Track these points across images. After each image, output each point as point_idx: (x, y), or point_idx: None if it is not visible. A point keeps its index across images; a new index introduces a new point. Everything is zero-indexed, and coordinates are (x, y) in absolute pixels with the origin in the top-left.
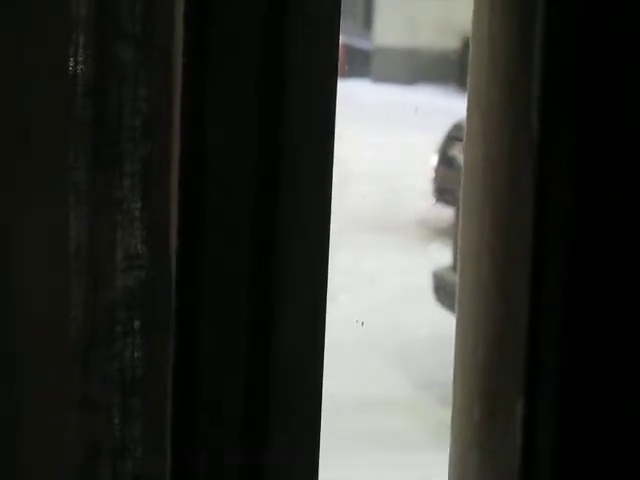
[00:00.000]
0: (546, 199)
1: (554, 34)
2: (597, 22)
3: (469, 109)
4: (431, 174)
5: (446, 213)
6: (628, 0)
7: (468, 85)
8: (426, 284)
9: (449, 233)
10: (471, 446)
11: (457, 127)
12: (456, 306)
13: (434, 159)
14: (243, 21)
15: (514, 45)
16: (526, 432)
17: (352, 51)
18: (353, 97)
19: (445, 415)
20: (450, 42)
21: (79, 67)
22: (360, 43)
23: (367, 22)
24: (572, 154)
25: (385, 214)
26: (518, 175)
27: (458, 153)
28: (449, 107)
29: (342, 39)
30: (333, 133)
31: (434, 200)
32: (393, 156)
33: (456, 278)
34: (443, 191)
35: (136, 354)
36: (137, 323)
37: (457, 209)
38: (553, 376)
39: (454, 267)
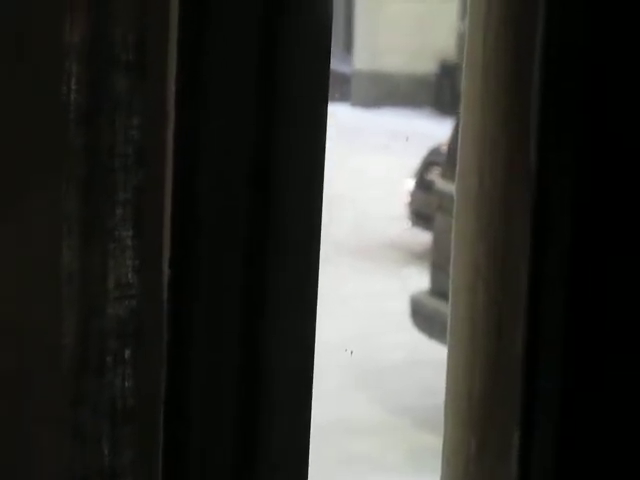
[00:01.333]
0: (543, 230)
1: (552, 64)
2: (595, 49)
3: (462, 138)
4: (407, 198)
5: (422, 237)
6: (627, 26)
7: (461, 114)
8: (402, 308)
9: (425, 257)
10: (465, 478)
11: (434, 152)
12: (447, 336)
13: (410, 183)
14: (236, 50)
15: (508, 73)
16: (522, 465)
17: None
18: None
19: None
20: (426, 66)
21: (72, 95)
22: (340, 67)
23: (347, 46)
24: (570, 183)
25: (360, 238)
26: (513, 205)
27: (435, 178)
28: (425, 131)
29: None
30: (323, 161)
31: (410, 224)
32: (368, 180)
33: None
34: (419, 215)
35: (127, 384)
36: (128, 352)
37: (434, 233)
38: (550, 408)
39: (432, 292)
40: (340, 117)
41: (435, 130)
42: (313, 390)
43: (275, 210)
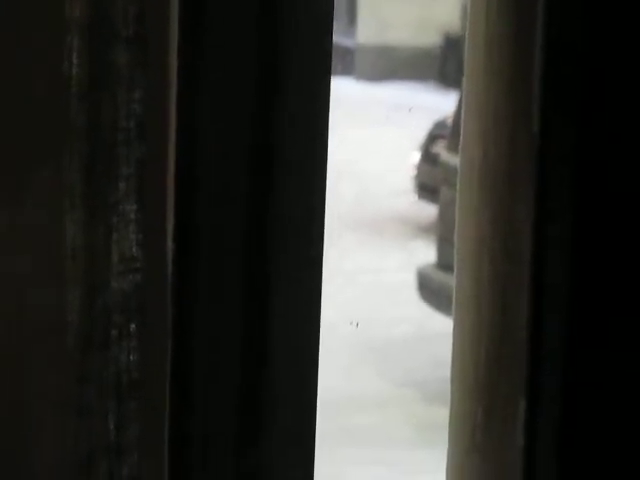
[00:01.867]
0: (546, 200)
1: (555, 35)
2: (598, 24)
3: (466, 110)
4: (413, 171)
5: (428, 210)
6: (629, 4)
7: (464, 86)
8: (409, 282)
9: (431, 230)
10: (471, 449)
11: (439, 125)
12: (453, 308)
13: (416, 156)
14: (237, 23)
15: (512, 46)
16: (528, 433)
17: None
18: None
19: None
20: (430, 39)
21: (73, 70)
22: (343, 41)
23: (350, 20)
24: (572, 155)
25: (366, 212)
26: (517, 175)
27: (440, 150)
28: (430, 104)
29: None
30: (327, 138)
31: (416, 197)
32: (373, 153)
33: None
34: (425, 188)
35: (132, 357)
36: (133, 326)
37: (440, 206)
38: (555, 377)
39: (438, 265)
40: (344, 91)
41: (440, 103)
42: (320, 365)
43: (278, 183)
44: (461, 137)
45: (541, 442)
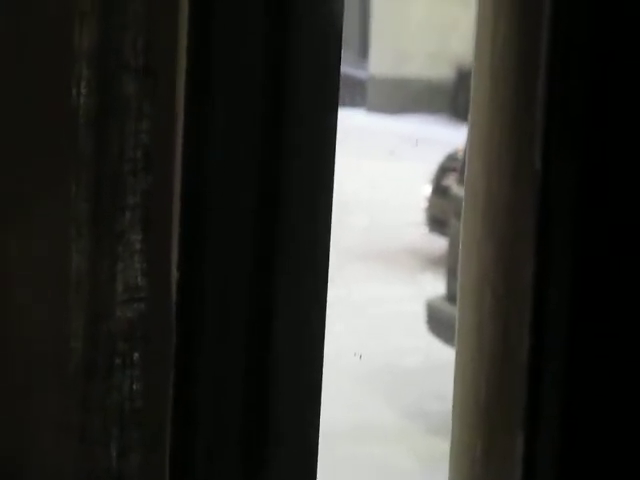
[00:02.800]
0: (548, 235)
1: (558, 68)
2: (601, 58)
3: (470, 143)
4: (424, 204)
5: (439, 243)
6: (632, 39)
7: (469, 118)
8: (418, 314)
9: (442, 263)
10: None
11: (451, 157)
12: (455, 340)
13: (427, 189)
14: (245, 54)
15: (516, 78)
16: (526, 469)
17: (347, 80)
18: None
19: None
20: (443, 72)
21: (81, 99)
22: (354, 72)
23: (362, 51)
24: (575, 190)
25: (377, 244)
26: (520, 210)
27: (451, 183)
28: (441, 137)
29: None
30: (333, 170)
31: (427, 230)
32: (385, 186)
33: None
34: (436, 221)
35: (135, 386)
36: (137, 355)
37: (450, 239)
38: (553, 413)
39: (448, 297)
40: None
41: (452, 136)
42: (327, 395)
43: (283, 215)
44: (465, 170)
45: (539, 477)
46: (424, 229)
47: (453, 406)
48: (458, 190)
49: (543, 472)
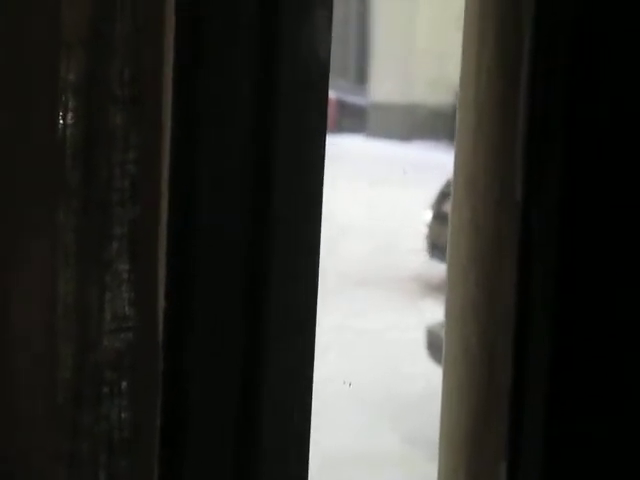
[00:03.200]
0: (530, 264)
1: (538, 100)
2: (581, 92)
3: (455, 173)
4: (424, 230)
5: (439, 269)
6: (612, 65)
7: (455, 149)
8: (419, 340)
9: (442, 289)
10: None
11: (451, 183)
12: (442, 366)
13: (428, 215)
14: (232, 84)
15: (499, 110)
16: None
17: (346, 106)
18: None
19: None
20: (444, 98)
21: (68, 130)
22: (353, 99)
23: (360, 78)
24: (555, 220)
25: (377, 270)
26: (503, 239)
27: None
28: (442, 162)
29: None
30: (321, 195)
31: (427, 256)
32: (385, 212)
33: None
34: (436, 247)
35: (123, 415)
36: (124, 384)
37: None
38: (535, 440)
39: None
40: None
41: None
42: (324, 422)
43: (273, 242)
44: (451, 200)
45: None
46: (424, 255)
47: (440, 431)
48: None
49: None
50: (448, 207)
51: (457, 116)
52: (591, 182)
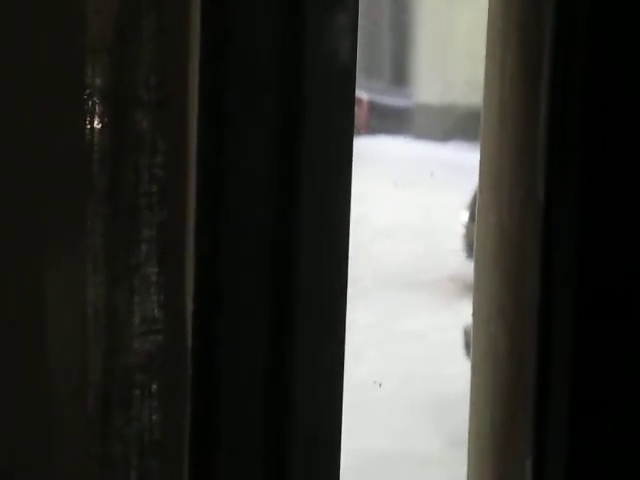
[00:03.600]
0: (553, 263)
1: (558, 100)
2: (602, 91)
3: (481, 175)
4: (461, 230)
5: None
6: (632, 66)
7: (480, 151)
8: (457, 340)
9: None
10: None
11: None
12: (470, 368)
13: (464, 215)
14: (257, 86)
15: (523, 111)
16: None
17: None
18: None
19: None
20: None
21: (96, 135)
22: (388, 100)
23: (396, 79)
24: (577, 220)
25: (415, 271)
26: (527, 239)
27: None
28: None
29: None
30: (349, 196)
31: (465, 256)
32: (422, 213)
33: None
34: (473, 247)
35: (154, 417)
36: (155, 386)
37: None
38: (561, 436)
39: None
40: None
41: None
42: (363, 422)
43: (300, 244)
44: (477, 201)
45: None
46: (462, 255)
47: (468, 432)
48: None
49: None
50: None
51: (481, 117)
52: (612, 181)
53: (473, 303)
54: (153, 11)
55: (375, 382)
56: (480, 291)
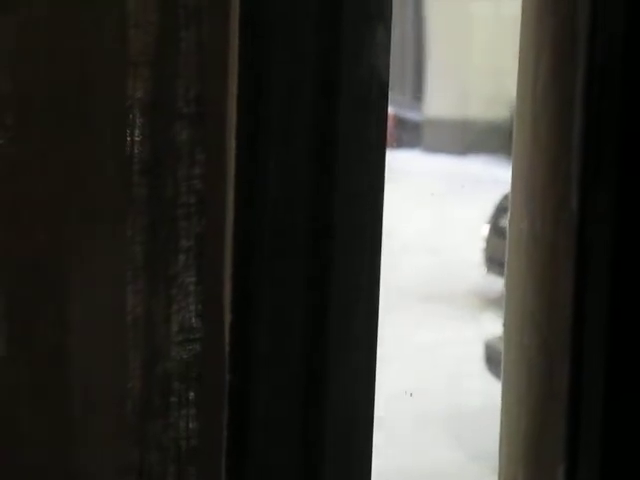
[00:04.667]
0: (586, 273)
1: (594, 113)
2: (636, 103)
3: (513, 184)
4: (482, 244)
5: (497, 283)
6: None
7: (512, 160)
8: (478, 354)
9: (500, 303)
10: None
11: (508, 197)
12: (501, 375)
13: (485, 229)
14: (294, 99)
15: (556, 122)
16: None
17: (402, 122)
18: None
19: None
20: (500, 113)
21: (135, 147)
22: (410, 114)
23: (417, 93)
24: (611, 229)
25: (436, 285)
26: (560, 250)
27: None
28: (498, 177)
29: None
30: (382, 213)
31: (485, 270)
32: (443, 226)
33: None
34: (494, 261)
35: (191, 425)
36: (192, 394)
37: None
38: (594, 444)
39: None
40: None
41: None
42: (387, 435)
43: (334, 259)
44: (509, 211)
45: None
46: (483, 269)
47: (500, 441)
48: None
49: None
50: (505, 221)
51: (514, 128)
52: None
53: (505, 312)
54: (192, 25)
55: (406, 392)
56: (512, 301)
